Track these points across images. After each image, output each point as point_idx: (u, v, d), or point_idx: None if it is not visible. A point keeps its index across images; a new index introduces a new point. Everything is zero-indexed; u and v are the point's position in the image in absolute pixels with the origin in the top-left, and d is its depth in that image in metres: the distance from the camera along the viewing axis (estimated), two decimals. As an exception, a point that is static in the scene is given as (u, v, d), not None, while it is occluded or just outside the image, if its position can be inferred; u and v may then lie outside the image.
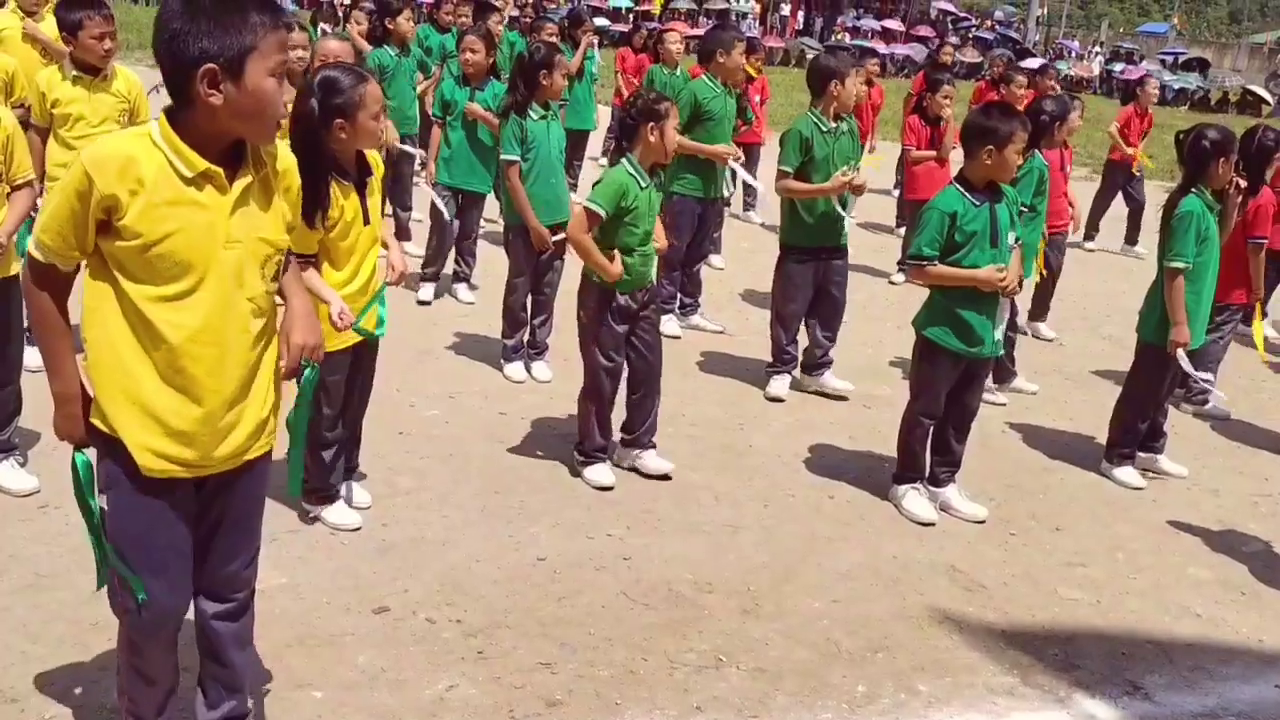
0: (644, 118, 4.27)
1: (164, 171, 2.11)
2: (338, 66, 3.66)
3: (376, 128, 3.56)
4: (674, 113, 4.34)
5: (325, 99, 3.43)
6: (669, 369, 5.67)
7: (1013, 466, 5.16)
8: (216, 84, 2.06)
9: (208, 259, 2.17)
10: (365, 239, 3.66)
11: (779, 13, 40.85)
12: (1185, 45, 44.50)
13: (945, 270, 4.25)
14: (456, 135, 6.45)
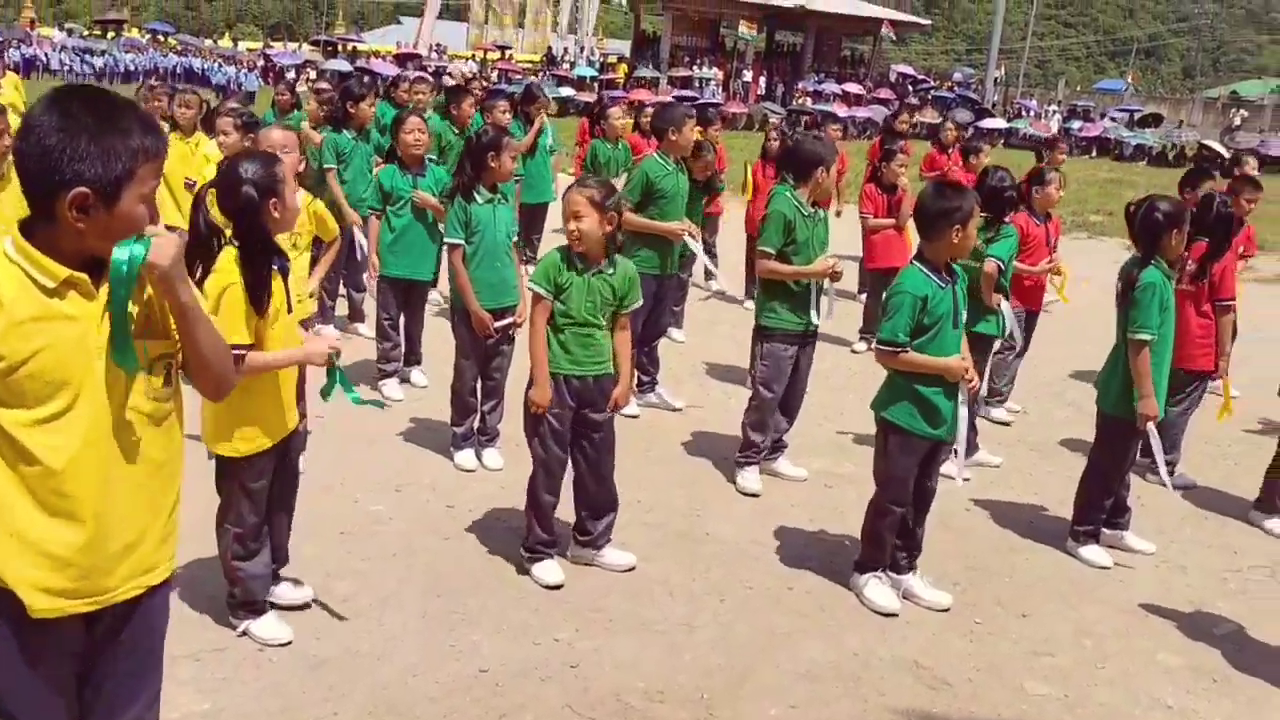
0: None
1: (23, 286, 1.97)
2: (247, 153, 3.62)
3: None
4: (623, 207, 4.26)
5: (257, 182, 3.36)
6: (625, 451, 5.55)
7: (977, 547, 5.03)
8: (86, 209, 1.93)
9: (82, 373, 2.02)
10: (289, 328, 3.56)
11: (741, 79, 41.43)
12: (1141, 101, 45.50)
13: (917, 358, 4.14)
14: (402, 223, 6.30)
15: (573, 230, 4.08)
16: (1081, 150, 34.74)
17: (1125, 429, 4.87)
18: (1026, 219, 6.58)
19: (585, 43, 45.26)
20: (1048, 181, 6.53)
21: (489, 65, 41.02)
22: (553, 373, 4.16)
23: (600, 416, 4.27)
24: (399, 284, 6.40)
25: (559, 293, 4.14)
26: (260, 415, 3.51)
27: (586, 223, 4.05)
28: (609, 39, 55.04)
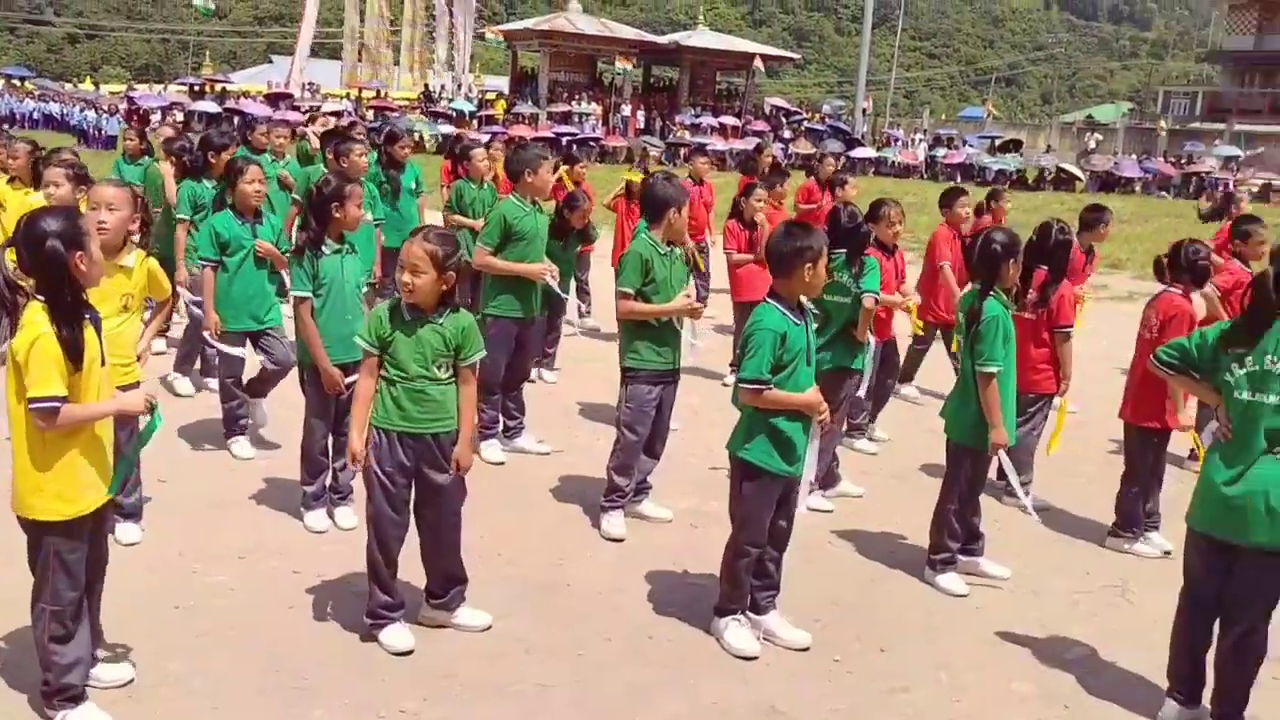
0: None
1: None
2: (46, 209, 3.46)
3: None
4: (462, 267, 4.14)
5: (60, 236, 3.19)
6: (488, 500, 5.44)
7: (838, 581, 5.04)
8: None
9: None
10: (105, 381, 3.39)
11: (620, 113, 41.80)
12: (1001, 128, 47.39)
13: (779, 395, 4.13)
14: (242, 275, 6.07)
15: (406, 283, 3.96)
16: (947, 177, 35.95)
17: (975, 458, 4.96)
18: (876, 253, 6.69)
19: (463, 80, 45.08)
20: (881, 216, 6.65)
21: (364, 104, 40.48)
22: (385, 430, 4.02)
23: (441, 478, 4.10)
24: (242, 336, 6.15)
25: (385, 346, 4.01)
26: (78, 475, 3.32)
27: (422, 279, 3.94)
28: (487, 75, 54.95)
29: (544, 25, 43.29)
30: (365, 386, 4.04)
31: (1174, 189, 35.25)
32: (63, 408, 3.18)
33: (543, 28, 42.87)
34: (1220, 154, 37.87)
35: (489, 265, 6.34)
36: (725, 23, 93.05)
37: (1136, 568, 5.41)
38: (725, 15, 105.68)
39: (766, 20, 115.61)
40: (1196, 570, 3.88)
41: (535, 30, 43.02)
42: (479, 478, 5.98)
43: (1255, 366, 3.65)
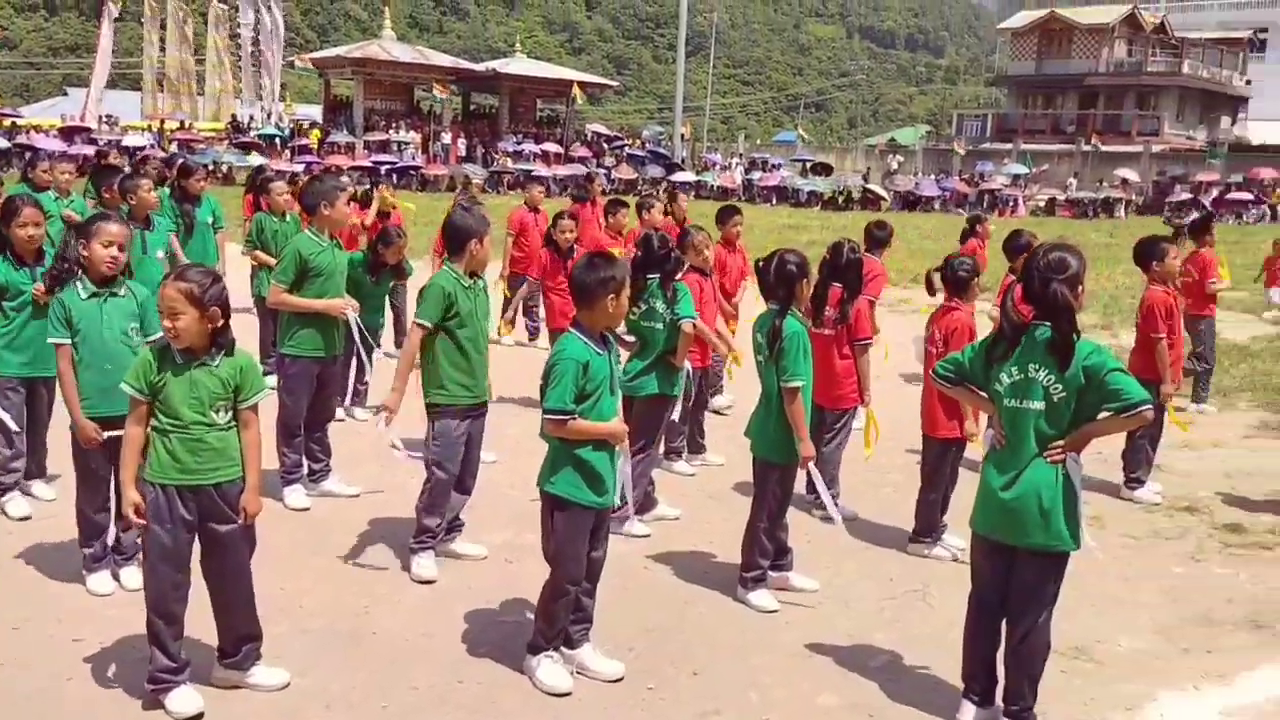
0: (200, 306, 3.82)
1: None
2: None
3: None
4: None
5: None
6: (290, 549, 5.21)
7: (653, 607, 5.04)
8: None
9: None
10: None
11: (440, 141, 41.37)
12: (812, 151, 49.26)
13: (585, 425, 4.11)
14: (20, 319, 5.62)
15: (168, 328, 3.75)
16: (764, 199, 37.14)
17: (782, 473, 5.07)
18: (697, 278, 6.79)
19: (273, 109, 43.71)
20: (688, 245, 6.75)
21: (167, 136, 38.71)
22: (162, 484, 3.79)
23: (226, 530, 3.89)
24: (20, 383, 5.70)
25: (155, 393, 3.79)
26: None
27: (183, 320, 3.73)
28: (299, 104, 53.43)
29: (357, 53, 42.49)
30: (135, 434, 3.80)
31: (970, 205, 37.40)
32: None
33: (356, 55, 42.07)
34: (1009, 172, 40.44)
35: (284, 303, 6.11)
36: (544, 50, 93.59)
37: (937, 571, 5.63)
38: (544, 43, 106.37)
39: (585, 48, 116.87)
40: (981, 572, 4.05)
41: (348, 58, 42.17)
42: (282, 525, 5.77)
43: (1019, 375, 3.85)
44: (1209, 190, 37.04)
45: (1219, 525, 6.49)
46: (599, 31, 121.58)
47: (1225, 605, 5.35)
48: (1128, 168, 40.44)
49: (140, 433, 3.80)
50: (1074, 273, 3.81)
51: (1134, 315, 13.74)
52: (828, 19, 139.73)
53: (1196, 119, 51.66)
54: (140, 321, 4.86)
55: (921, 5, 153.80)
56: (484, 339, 5.40)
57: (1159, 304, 6.88)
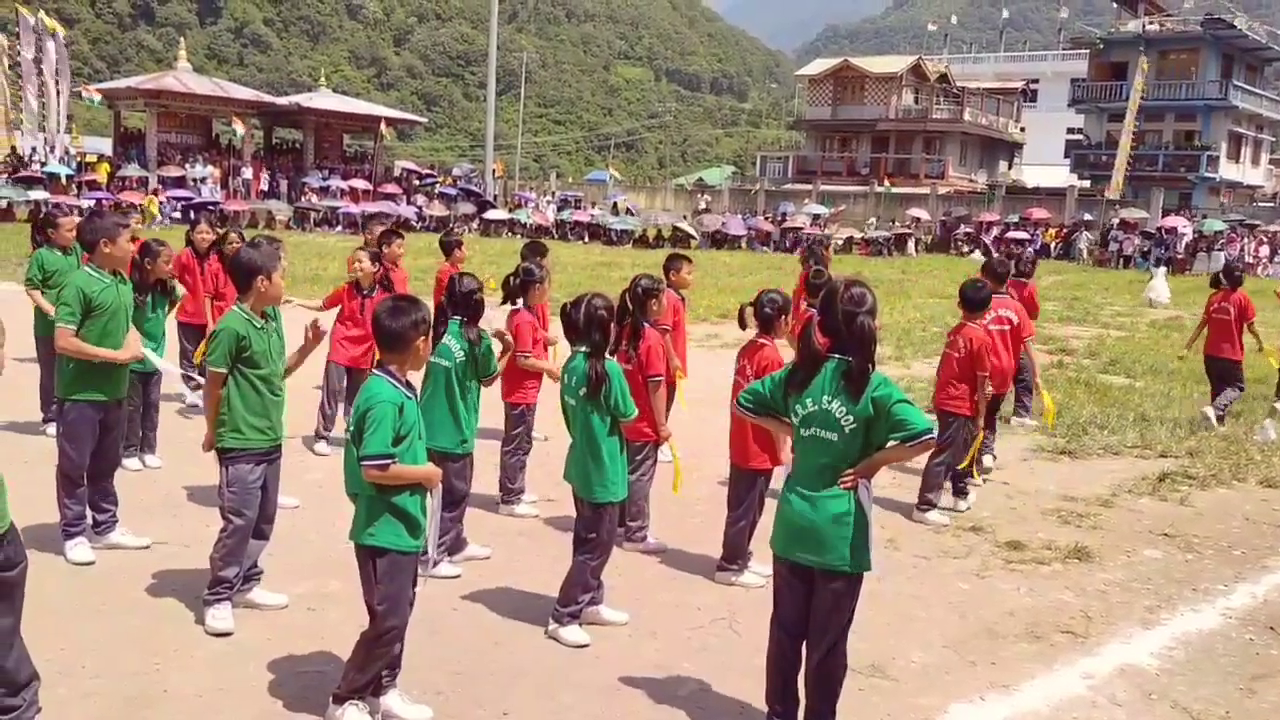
0: None
1: None
2: None
3: None
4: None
5: None
6: (70, 607, 4.89)
7: (462, 648, 4.96)
8: None
9: None
10: None
11: (241, 176, 39.92)
12: (623, 190, 50.13)
13: (405, 470, 4.06)
14: None
15: None
16: (576, 236, 37.47)
17: (612, 510, 5.15)
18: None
19: (57, 140, 41.09)
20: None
21: (-68, 169, 35.85)
22: None
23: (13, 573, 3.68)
24: None
25: None
26: None
27: None
28: (87, 136, 50.46)
29: (150, 84, 40.68)
30: None
31: (774, 244, 38.87)
32: None
33: (149, 87, 40.26)
34: (810, 212, 42.27)
35: (79, 350, 5.73)
36: (351, 85, 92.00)
37: (743, 598, 5.77)
38: (351, 78, 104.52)
39: (394, 84, 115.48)
40: (782, 595, 4.19)
41: (141, 89, 40.30)
42: (64, 581, 5.39)
43: (813, 406, 4.02)
44: (990, 229, 39.72)
45: (1001, 543, 6.92)
46: (408, 68, 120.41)
47: (1008, 618, 5.70)
48: (918, 207, 42.95)
49: None
50: (872, 306, 4.02)
51: (924, 348, 14.57)
52: (635, 61, 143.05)
53: (977, 163, 55.50)
54: None
55: (725, 51, 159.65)
56: (279, 379, 5.22)
57: (981, 343, 7.37)
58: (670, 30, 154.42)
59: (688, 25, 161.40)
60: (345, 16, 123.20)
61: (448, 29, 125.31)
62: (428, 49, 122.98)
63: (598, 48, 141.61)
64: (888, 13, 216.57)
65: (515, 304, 7.01)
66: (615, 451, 5.16)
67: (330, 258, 23.87)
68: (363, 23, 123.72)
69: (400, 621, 4.14)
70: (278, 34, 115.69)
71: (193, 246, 9.32)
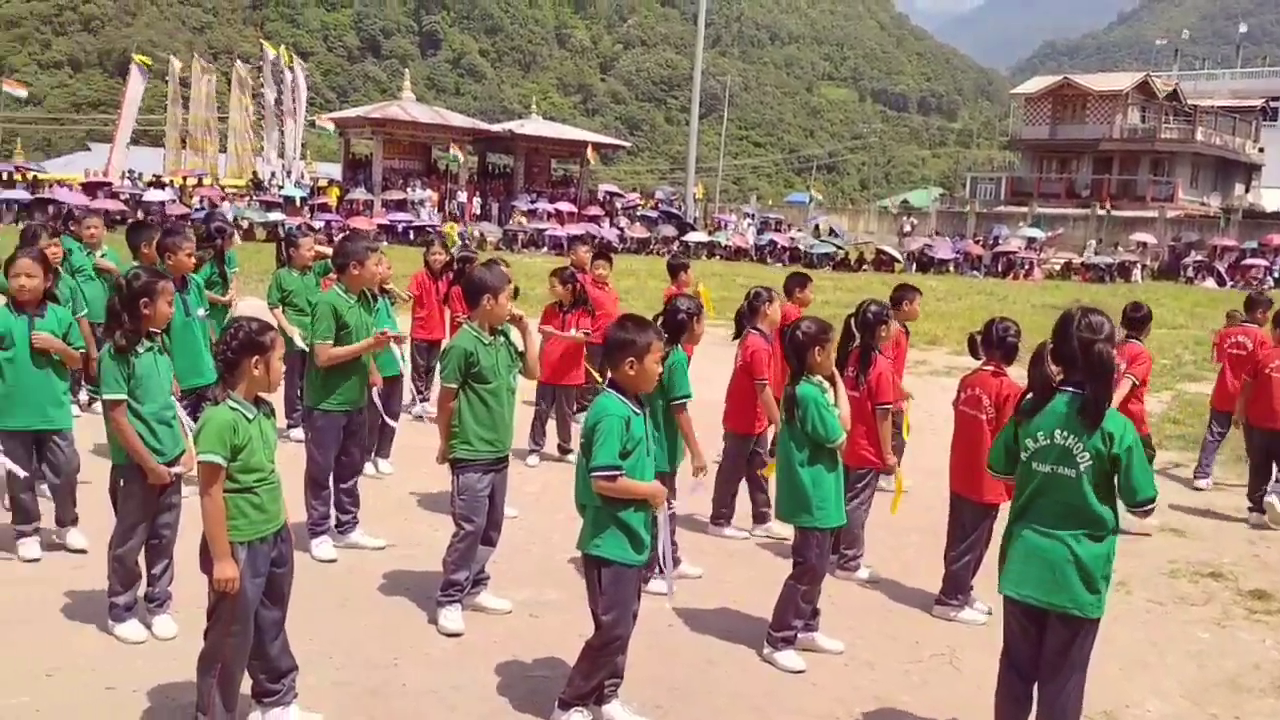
0: (245, 351, 3.94)
1: None
2: None
3: None
4: (279, 342, 4.05)
5: None
6: (318, 601, 5.24)
7: (679, 665, 5.04)
8: None
9: None
10: None
11: (456, 200, 41.79)
12: (824, 212, 49.62)
13: (630, 484, 4.13)
14: (15, 370, 5.70)
15: (260, 377, 4.00)
16: (775, 258, 37.36)
17: (822, 536, 5.12)
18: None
19: (293, 166, 44.33)
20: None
21: (188, 192, 39.28)
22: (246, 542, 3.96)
23: (287, 567, 4.16)
24: (25, 437, 5.78)
25: (238, 453, 3.91)
26: None
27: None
28: (320, 162, 54.20)
29: (377, 113, 43.10)
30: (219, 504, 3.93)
31: (984, 268, 37.54)
32: None
33: (375, 116, 42.66)
34: (1025, 234, 40.58)
35: (337, 357, 6.16)
36: (559, 111, 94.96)
37: (964, 635, 5.61)
38: (558, 104, 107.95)
39: (599, 109, 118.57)
40: (1013, 635, 4.06)
41: (368, 118, 42.78)
42: (308, 578, 5.79)
43: (1046, 441, 3.88)
44: (1224, 256, 37.13)
45: (1244, 591, 6.46)
46: (613, 94, 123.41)
47: (1252, 671, 5.33)
48: (1143, 232, 40.57)
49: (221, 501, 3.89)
50: (1110, 333, 3.87)
51: (1154, 381, 13.77)
52: (840, 82, 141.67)
53: (1210, 185, 51.95)
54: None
55: (934, 70, 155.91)
56: (507, 393, 5.47)
57: None
58: (877, 50, 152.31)
59: (895, 44, 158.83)
60: (555, 45, 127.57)
61: (652, 55, 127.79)
62: (632, 75, 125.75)
63: (801, 69, 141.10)
64: (1111, 28, 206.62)
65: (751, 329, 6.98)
66: (820, 477, 5.10)
67: (538, 278, 24.65)
68: (571, 51, 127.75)
69: (624, 632, 4.25)
70: (491, 64, 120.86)
71: (428, 267, 9.88)
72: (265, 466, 3.98)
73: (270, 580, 4.04)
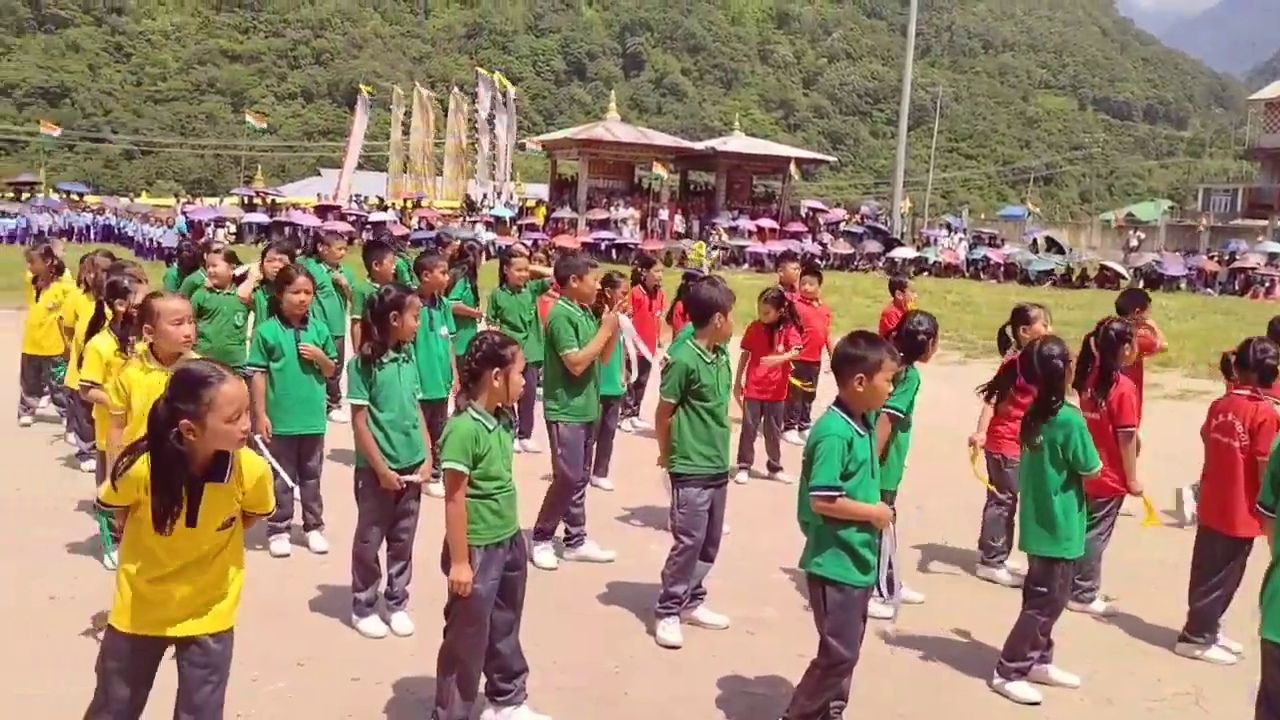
0: (487, 364, 4.12)
1: None
2: (198, 363, 3.36)
3: (231, 430, 3.18)
4: (519, 356, 4.20)
5: (173, 399, 3.14)
6: (540, 608, 5.39)
7: (904, 691, 4.91)
8: None
9: None
10: (185, 543, 3.25)
11: (658, 217, 42.36)
12: (1042, 226, 47.49)
13: (851, 505, 4.08)
14: (286, 379, 6.22)
15: (499, 389, 4.15)
16: (989, 275, 36.00)
17: (1064, 567, 4.90)
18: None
19: (503, 188, 46.15)
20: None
21: (408, 213, 41.53)
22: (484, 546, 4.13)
23: (521, 570, 4.31)
24: (291, 440, 6.26)
25: (479, 462, 4.08)
26: (139, 597, 3.29)
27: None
28: (527, 183, 56.24)
29: (583, 135, 44.29)
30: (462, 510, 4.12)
31: (1220, 286, 35.01)
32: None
33: (581, 137, 43.84)
34: (1265, 250, 37.57)
35: (585, 358, 6.29)
36: (760, 128, 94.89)
37: (1210, 674, 5.23)
38: (760, 121, 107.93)
39: (801, 125, 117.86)
40: (1274, 682, 3.74)
41: (574, 140, 44.02)
42: (530, 584, 5.97)
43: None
44: None
45: None
46: (815, 108, 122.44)
47: None
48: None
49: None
50: None
51: None
52: (1058, 90, 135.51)
53: None
54: (420, 383, 5.32)
55: (1162, 76, 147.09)
56: (725, 411, 5.48)
57: None
58: (1099, 56, 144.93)
59: (1119, 50, 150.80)
60: (757, 62, 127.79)
61: (857, 68, 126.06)
62: (835, 88, 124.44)
63: (1016, 78, 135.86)
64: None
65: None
66: (1071, 506, 4.88)
67: (742, 296, 24.75)
68: (773, 66, 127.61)
69: (852, 654, 4.18)
70: (693, 82, 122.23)
71: (642, 284, 10.09)
72: (504, 475, 4.14)
73: (504, 583, 4.19)
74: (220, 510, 3.28)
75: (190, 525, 3.21)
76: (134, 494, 3.19)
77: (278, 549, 6.27)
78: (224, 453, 3.24)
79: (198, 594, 3.31)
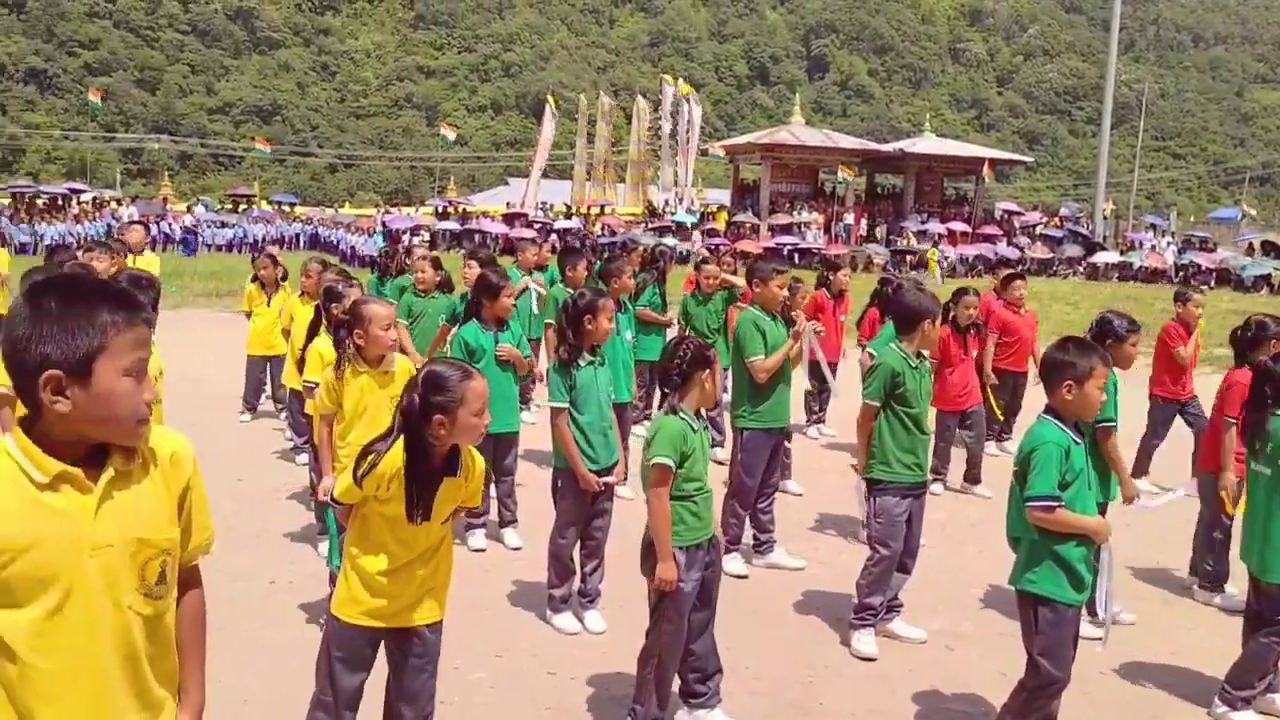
0: (697, 366, 4.15)
1: (14, 480, 1.94)
2: (444, 362, 3.54)
3: (478, 424, 3.34)
4: (719, 361, 4.23)
5: (426, 395, 3.30)
6: (733, 614, 5.38)
7: (1118, 715, 4.64)
8: (61, 390, 1.92)
9: (71, 570, 1.95)
10: (418, 536, 3.39)
11: (842, 222, 41.66)
12: (1259, 230, 44.23)
13: (1069, 517, 3.88)
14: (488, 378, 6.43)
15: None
16: (1200, 281, 33.77)
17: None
18: None
19: (685, 194, 46.39)
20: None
21: (592, 220, 42.34)
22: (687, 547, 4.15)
23: (717, 568, 4.36)
24: (488, 439, 6.41)
25: (684, 461, 4.11)
26: (371, 589, 3.42)
27: None
28: (708, 189, 56.35)
29: (766, 139, 44.00)
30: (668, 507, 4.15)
31: None
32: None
33: (765, 141, 43.56)
34: None
35: (770, 366, 6.24)
36: (951, 128, 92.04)
37: None
38: (950, 121, 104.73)
39: (994, 124, 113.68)
40: None
41: (757, 144, 43.79)
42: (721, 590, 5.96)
43: None
44: None
45: None
46: (1010, 107, 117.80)
47: None
48: None
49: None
50: None
51: None
52: (1277, 85, 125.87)
53: None
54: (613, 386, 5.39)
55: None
56: (926, 418, 5.34)
57: None
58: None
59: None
60: (948, 61, 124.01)
61: (1055, 65, 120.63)
62: (1032, 86, 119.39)
63: (1229, 72, 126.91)
64: None
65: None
66: None
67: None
68: (965, 65, 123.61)
69: (1063, 676, 3.97)
70: (880, 83, 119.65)
71: (827, 288, 9.97)
72: (703, 477, 4.16)
73: (702, 583, 4.20)
74: (449, 503, 3.41)
75: (426, 519, 3.34)
76: (374, 490, 3.33)
77: (474, 544, 6.48)
78: (456, 447, 3.36)
79: (421, 586, 3.43)
